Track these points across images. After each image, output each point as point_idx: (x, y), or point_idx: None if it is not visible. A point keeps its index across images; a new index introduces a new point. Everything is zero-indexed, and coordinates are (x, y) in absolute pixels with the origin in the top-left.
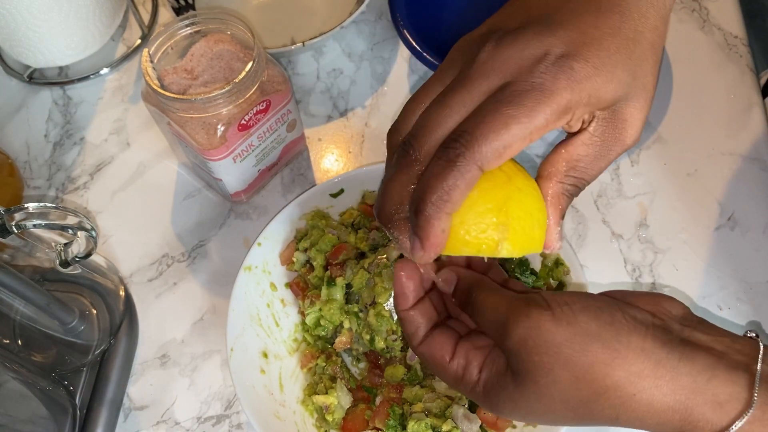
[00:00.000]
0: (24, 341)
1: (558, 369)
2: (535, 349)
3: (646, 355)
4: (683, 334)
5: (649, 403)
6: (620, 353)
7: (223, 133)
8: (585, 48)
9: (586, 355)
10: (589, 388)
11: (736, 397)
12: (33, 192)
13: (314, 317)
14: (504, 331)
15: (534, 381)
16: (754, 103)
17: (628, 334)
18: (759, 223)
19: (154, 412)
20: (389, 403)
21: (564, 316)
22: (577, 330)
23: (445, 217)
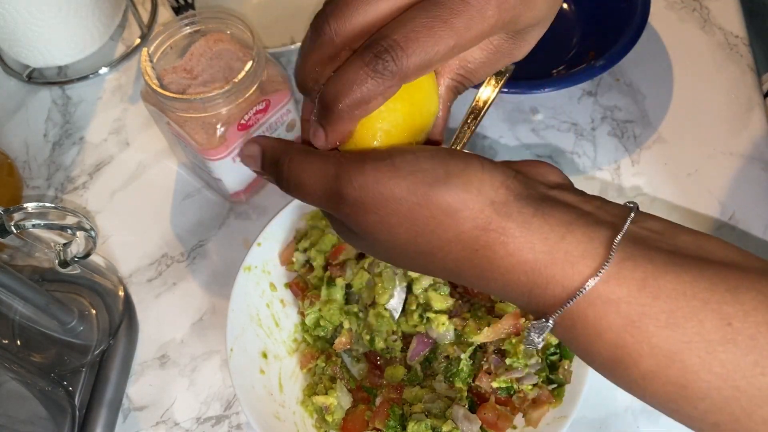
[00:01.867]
0: (23, 341)
1: (398, 225)
2: (372, 206)
3: (495, 208)
4: (549, 192)
5: (492, 260)
6: (466, 203)
7: (222, 133)
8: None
9: (426, 206)
10: (429, 241)
11: (592, 253)
12: (32, 192)
13: (314, 318)
14: (336, 195)
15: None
16: (755, 103)
17: (480, 182)
18: (760, 223)
19: (154, 413)
20: (389, 404)
21: (405, 165)
22: (419, 178)
23: (356, 121)
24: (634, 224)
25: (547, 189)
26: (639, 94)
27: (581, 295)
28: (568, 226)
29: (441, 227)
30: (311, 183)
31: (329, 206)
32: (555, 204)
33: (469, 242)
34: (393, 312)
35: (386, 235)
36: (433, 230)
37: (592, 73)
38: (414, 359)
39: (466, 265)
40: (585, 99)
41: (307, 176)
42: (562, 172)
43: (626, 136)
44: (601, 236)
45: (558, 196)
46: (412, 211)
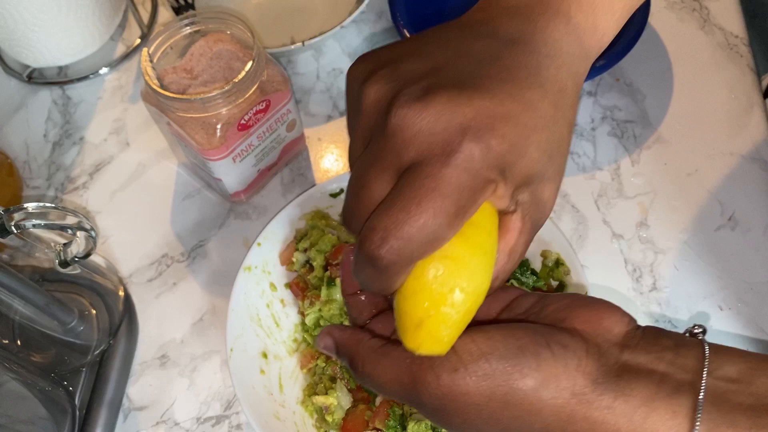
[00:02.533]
0: (23, 341)
1: (484, 426)
2: (455, 413)
3: (577, 399)
4: (622, 358)
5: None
6: (547, 402)
7: (222, 133)
8: (502, 123)
9: (508, 409)
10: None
11: (677, 429)
12: (32, 192)
13: (314, 318)
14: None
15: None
16: (755, 103)
17: (556, 378)
18: (760, 223)
19: (154, 413)
20: (389, 404)
21: (479, 371)
22: (495, 383)
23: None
24: (711, 376)
25: (619, 353)
26: (639, 94)
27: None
28: (651, 404)
29: (526, 423)
30: (389, 387)
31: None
32: (631, 377)
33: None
34: None
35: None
36: (520, 426)
37: (592, 73)
38: None
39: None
40: (585, 99)
41: (383, 380)
42: (626, 314)
43: (626, 136)
44: (683, 407)
45: (631, 362)
46: (495, 413)
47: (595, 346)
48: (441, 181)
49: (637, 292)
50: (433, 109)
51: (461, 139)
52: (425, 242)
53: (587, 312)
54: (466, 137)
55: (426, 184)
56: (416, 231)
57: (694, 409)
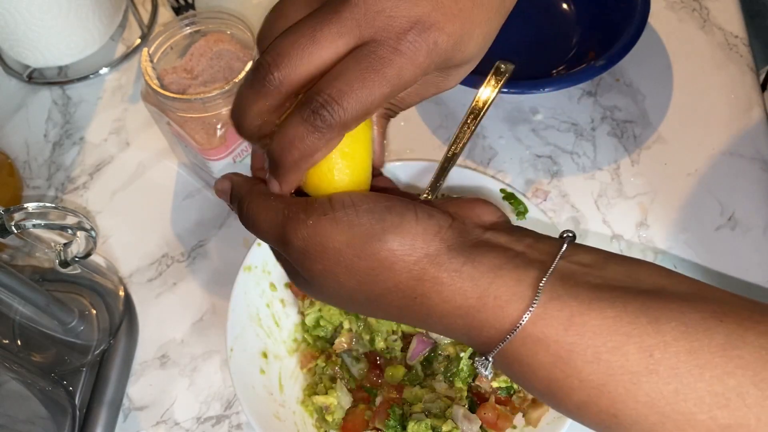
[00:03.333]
0: (23, 341)
1: (341, 275)
2: (316, 256)
3: (429, 259)
4: (482, 236)
5: (429, 307)
6: (401, 257)
7: (222, 133)
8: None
9: (365, 259)
10: (372, 290)
11: (520, 296)
12: (32, 192)
13: (314, 318)
14: (284, 241)
15: (321, 285)
16: (755, 103)
17: (413, 237)
18: (759, 223)
19: (154, 413)
20: (389, 404)
21: (345, 218)
22: (357, 232)
23: (304, 172)
24: (564, 259)
25: (481, 232)
26: (639, 94)
27: (512, 336)
28: (497, 270)
29: (380, 278)
30: (264, 227)
31: (280, 249)
32: (486, 249)
33: (407, 291)
34: None
35: (332, 283)
36: (374, 280)
37: (592, 73)
38: (414, 359)
39: (408, 311)
40: (585, 99)
41: (260, 220)
42: (498, 209)
43: (626, 136)
44: (529, 278)
45: (491, 239)
46: (353, 262)
47: (461, 224)
48: (389, 66)
49: None
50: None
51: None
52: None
53: (463, 201)
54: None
55: (375, 66)
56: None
57: (538, 280)
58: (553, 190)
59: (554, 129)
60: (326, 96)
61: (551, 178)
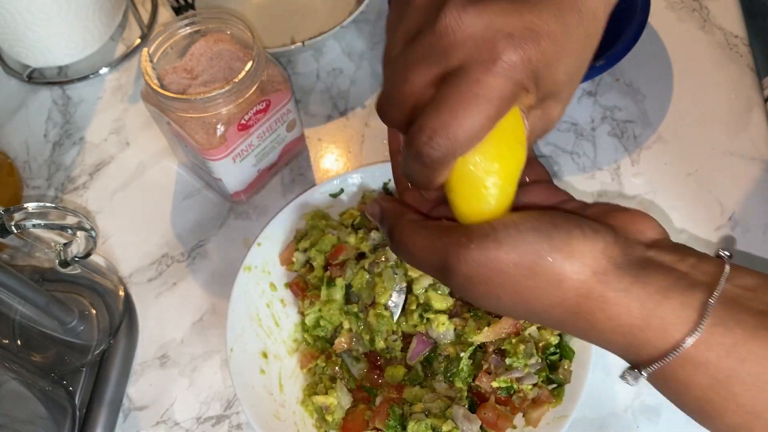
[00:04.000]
0: (23, 341)
1: (504, 294)
2: (481, 280)
3: (597, 277)
4: (646, 254)
5: (593, 323)
6: (569, 275)
7: (222, 133)
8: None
9: (531, 278)
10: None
11: (685, 320)
12: (32, 192)
13: (314, 318)
14: (446, 269)
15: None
16: (755, 103)
17: (582, 255)
18: (759, 223)
19: (154, 413)
20: (389, 404)
21: (509, 238)
22: (524, 251)
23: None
24: (728, 282)
25: (645, 250)
26: (639, 94)
27: (672, 357)
28: (666, 292)
29: (545, 294)
30: (420, 255)
31: (439, 277)
32: (653, 268)
33: (571, 307)
34: (393, 312)
35: (494, 301)
36: (539, 297)
37: (592, 73)
38: (414, 359)
39: (568, 325)
40: (585, 99)
41: (416, 249)
42: (659, 224)
43: (626, 136)
44: (695, 301)
45: (656, 257)
46: (519, 282)
47: (624, 239)
48: (486, 88)
49: None
50: (486, 16)
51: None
52: (467, 141)
53: (624, 214)
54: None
55: (472, 89)
56: (461, 132)
57: (705, 304)
58: None
59: (554, 129)
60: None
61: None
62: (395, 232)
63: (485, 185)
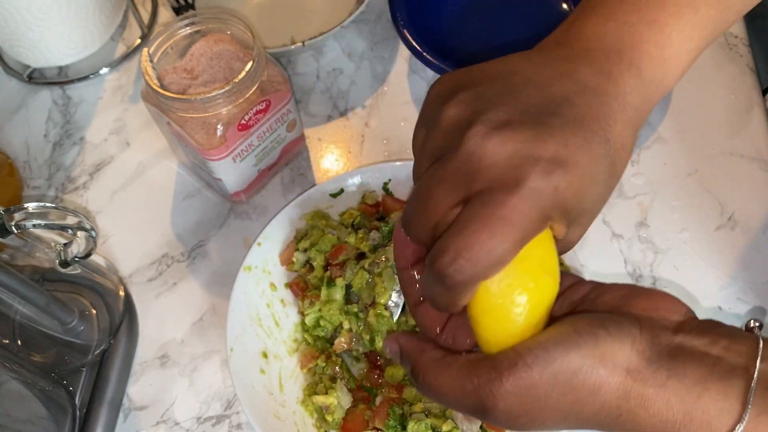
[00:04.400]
0: (23, 341)
1: (548, 417)
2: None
3: (632, 376)
4: (675, 341)
5: (635, 422)
6: (606, 380)
7: (222, 133)
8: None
9: (569, 394)
10: (575, 420)
11: (728, 410)
12: (32, 192)
13: (314, 318)
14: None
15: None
16: (755, 103)
17: (613, 356)
18: (759, 223)
19: (154, 413)
20: (389, 404)
21: (537, 361)
22: (556, 370)
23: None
24: (764, 362)
25: (672, 336)
26: None
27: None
28: (703, 383)
29: (587, 406)
30: (452, 397)
31: (478, 417)
32: (684, 358)
33: (612, 411)
34: (393, 312)
35: (539, 426)
36: (581, 410)
37: None
38: None
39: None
40: None
41: (446, 390)
42: (682, 303)
43: None
44: (735, 390)
45: (685, 344)
46: (558, 401)
47: (649, 327)
48: (511, 211)
49: None
50: (511, 144)
51: (534, 174)
52: (491, 265)
53: (644, 300)
54: (538, 172)
55: (497, 212)
56: (484, 254)
57: (746, 392)
58: None
59: None
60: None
61: None
62: (420, 374)
63: (510, 314)
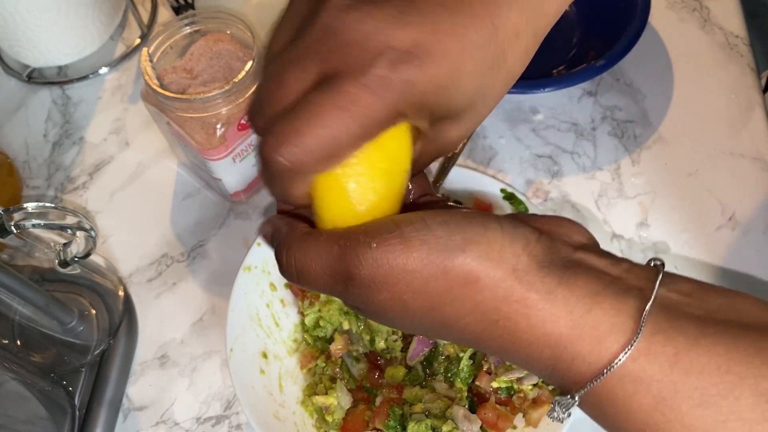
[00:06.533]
0: (23, 341)
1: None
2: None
3: (517, 276)
4: (574, 256)
5: (513, 332)
6: (486, 272)
7: (222, 133)
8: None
9: (441, 277)
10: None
11: (620, 327)
12: (32, 192)
13: (313, 318)
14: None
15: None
16: (755, 103)
17: (500, 249)
18: (760, 223)
19: (154, 413)
20: (389, 404)
21: (416, 234)
22: (433, 247)
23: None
24: (662, 287)
25: (572, 251)
26: (639, 94)
27: (609, 373)
28: (595, 296)
29: (458, 299)
30: (314, 267)
31: (337, 290)
32: (581, 271)
33: (488, 313)
34: None
35: (400, 311)
36: (450, 302)
37: (592, 73)
38: (414, 359)
39: (485, 336)
40: (585, 99)
41: (309, 260)
42: (587, 231)
43: (626, 136)
44: (630, 308)
45: (584, 259)
46: (427, 284)
47: (548, 238)
48: (352, 102)
49: None
50: (370, 23)
51: (383, 63)
52: (321, 157)
53: (548, 218)
54: (388, 62)
55: (336, 100)
56: (314, 144)
57: (640, 311)
58: (554, 190)
59: (554, 129)
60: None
61: (551, 178)
62: (284, 248)
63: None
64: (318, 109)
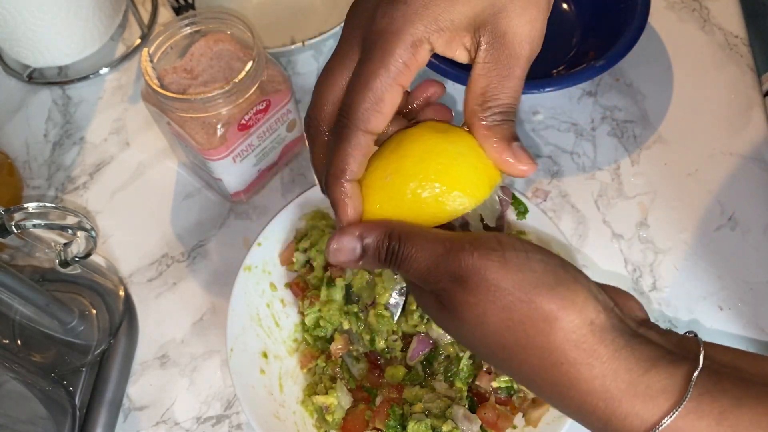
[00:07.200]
0: (23, 341)
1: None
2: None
3: (592, 329)
4: (638, 330)
5: (574, 378)
6: (567, 316)
7: (222, 133)
8: None
9: (528, 304)
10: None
11: (671, 389)
12: (32, 192)
13: (313, 318)
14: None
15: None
16: (755, 103)
17: (584, 301)
18: (759, 223)
19: (154, 413)
20: (389, 404)
21: (516, 260)
22: (528, 277)
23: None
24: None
25: (636, 325)
26: (639, 94)
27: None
28: (654, 362)
29: (534, 330)
30: (418, 257)
31: (430, 279)
32: (643, 341)
33: (555, 353)
34: (393, 312)
35: (478, 319)
36: (526, 330)
37: (592, 73)
38: (414, 359)
39: (543, 375)
40: (585, 99)
41: (416, 250)
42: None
43: (626, 136)
44: (681, 372)
45: (646, 333)
46: (513, 304)
47: (619, 310)
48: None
49: (637, 291)
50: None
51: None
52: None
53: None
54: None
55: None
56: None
57: (690, 374)
58: (554, 190)
59: (554, 129)
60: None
61: (551, 178)
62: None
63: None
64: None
